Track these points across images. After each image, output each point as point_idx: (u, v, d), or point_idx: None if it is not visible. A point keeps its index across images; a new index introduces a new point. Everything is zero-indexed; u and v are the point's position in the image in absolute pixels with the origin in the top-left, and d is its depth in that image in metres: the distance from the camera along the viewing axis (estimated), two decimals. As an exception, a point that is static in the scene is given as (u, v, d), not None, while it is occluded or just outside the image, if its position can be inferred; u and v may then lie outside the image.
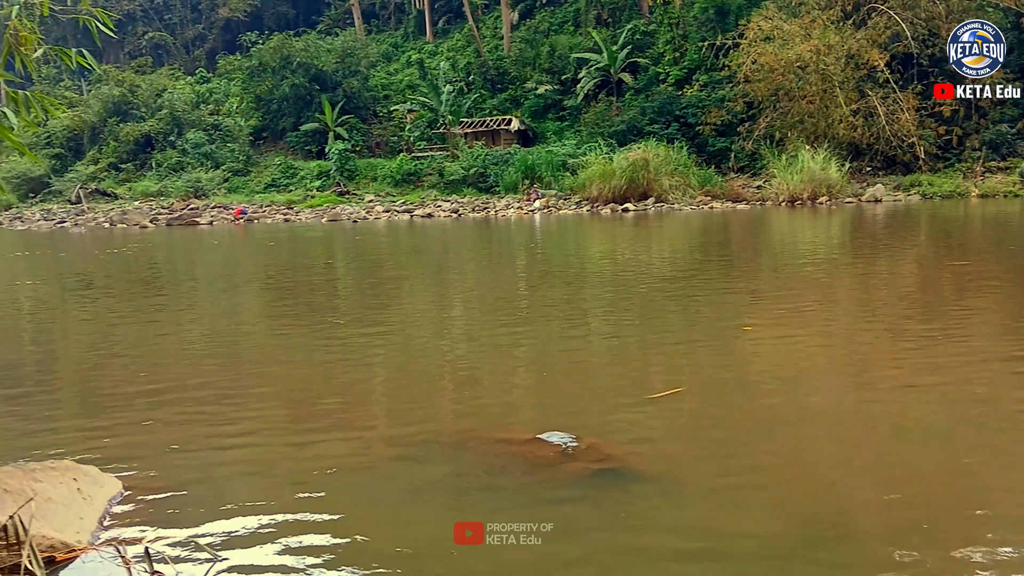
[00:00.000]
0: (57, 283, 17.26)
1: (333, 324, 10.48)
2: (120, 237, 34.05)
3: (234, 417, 6.15)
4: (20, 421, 6.26)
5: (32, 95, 5.51)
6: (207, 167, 54.12)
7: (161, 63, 67.06)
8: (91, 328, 11.10)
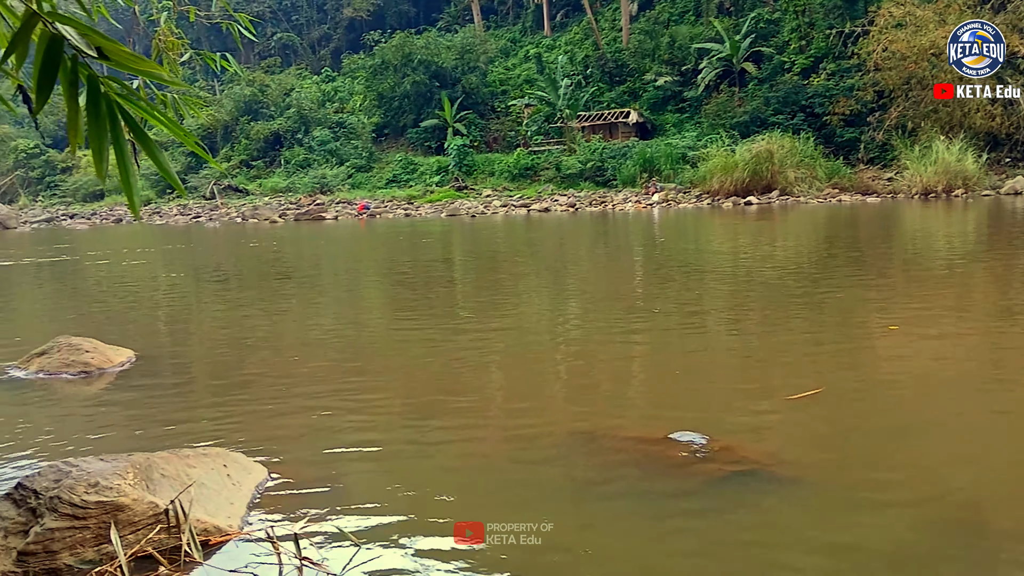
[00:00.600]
0: (194, 276, 18.11)
1: (454, 317, 10.64)
2: (251, 232, 35.47)
3: (361, 408, 6.30)
4: (166, 408, 6.60)
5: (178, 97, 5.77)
6: (332, 164, 55.82)
7: (289, 63, 69.41)
8: (226, 319, 11.61)
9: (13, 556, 3.53)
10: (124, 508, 3.63)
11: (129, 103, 1.99)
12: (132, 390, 7.18)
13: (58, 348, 7.89)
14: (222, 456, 4.48)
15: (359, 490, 4.42)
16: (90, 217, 55.11)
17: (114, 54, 1.92)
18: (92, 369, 7.63)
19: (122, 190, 1.99)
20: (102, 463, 3.88)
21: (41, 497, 3.67)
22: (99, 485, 3.65)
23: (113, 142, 1.98)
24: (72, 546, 3.54)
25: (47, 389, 7.25)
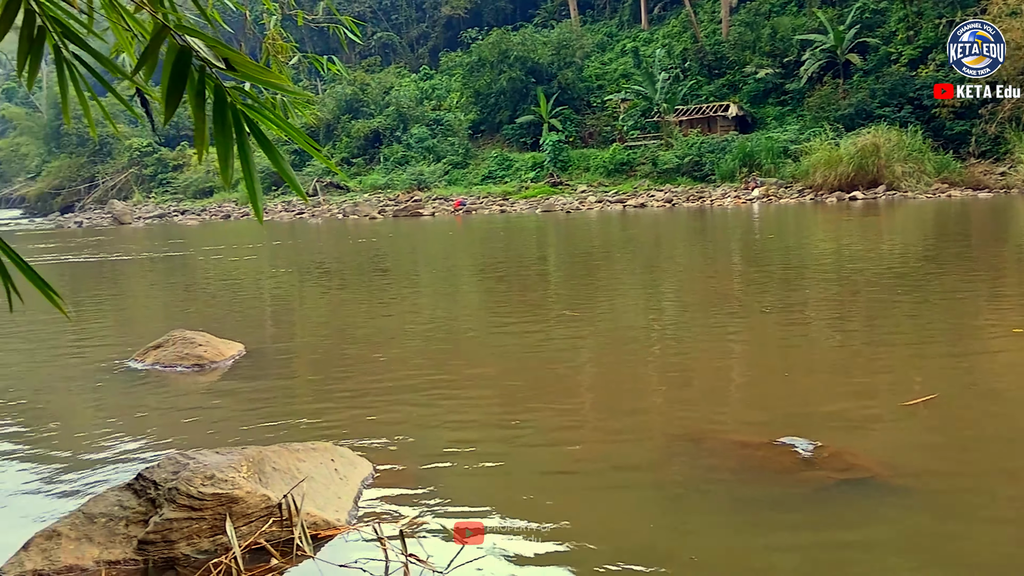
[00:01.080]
0: (298, 271, 18.60)
1: (550, 315, 10.64)
2: (352, 228, 36.23)
3: (460, 406, 6.36)
4: (273, 402, 6.80)
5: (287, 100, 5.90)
6: (429, 160, 56.50)
7: (388, 62, 70.51)
8: (329, 314, 11.89)
9: (134, 544, 3.69)
10: (238, 500, 3.75)
11: (253, 112, 2.04)
12: (242, 383, 7.42)
13: (173, 341, 8.22)
14: (329, 450, 4.59)
15: (459, 488, 4.46)
16: (199, 213, 57.18)
17: (241, 66, 1.97)
18: (204, 362, 7.92)
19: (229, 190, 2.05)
20: (217, 456, 4.02)
21: (160, 488, 3.82)
22: (215, 478, 3.78)
23: (238, 151, 2.03)
24: (189, 536, 3.68)
25: (162, 381, 7.56)
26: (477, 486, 4.51)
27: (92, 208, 67.45)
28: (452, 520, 4.00)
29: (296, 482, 4.00)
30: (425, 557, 3.54)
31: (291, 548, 3.63)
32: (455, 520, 4.00)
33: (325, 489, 4.17)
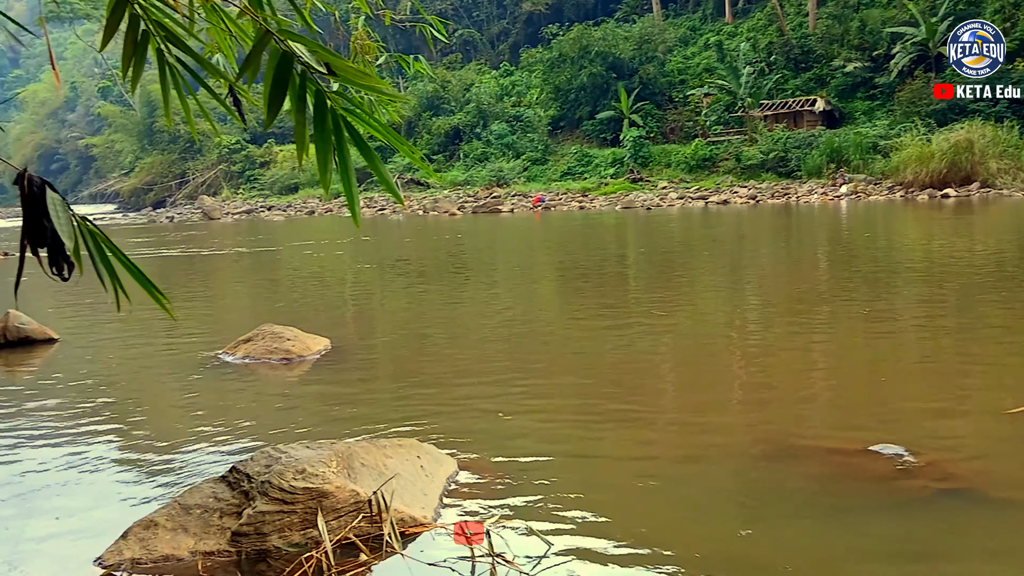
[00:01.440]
0: (381, 267, 18.85)
1: (629, 314, 10.55)
2: (431, 224, 36.58)
3: (541, 405, 6.34)
4: (358, 397, 6.90)
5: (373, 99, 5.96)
6: (508, 157, 56.70)
7: (469, 59, 70.96)
8: (411, 309, 12.02)
9: (228, 536, 3.78)
10: (328, 495, 3.81)
11: (352, 116, 2.06)
12: (328, 378, 7.55)
13: (262, 335, 8.41)
14: (415, 447, 4.62)
15: (541, 489, 4.45)
16: (285, 209, 58.53)
17: (341, 70, 1.99)
18: (292, 356, 8.09)
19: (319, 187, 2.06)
20: (308, 451, 4.09)
21: (253, 481, 3.90)
22: (306, 472, 3.85)
23: (337, 154, 2.05)
24: (281, 529, 3.76)
25: (252, 374, 7.74)
26: (559, 487, 4.49)
27: (183, 203, 69.66)
28: (537, 521, 3.99)
29: (383, 478, 4.05)
30: (511, 557, 3.54)
31: (379, 544, 3.67)
32: (539, 521, 3.99)
33: (412, 486, 4.20)
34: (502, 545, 3.63)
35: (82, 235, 1.96)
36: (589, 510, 4.14)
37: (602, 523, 4.00)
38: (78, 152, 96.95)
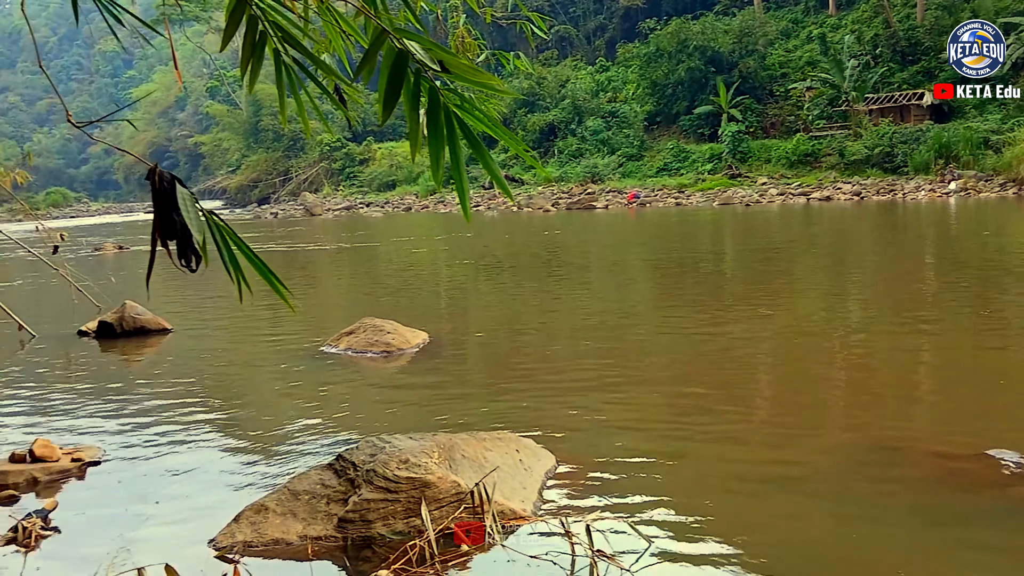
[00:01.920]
0: (476, 262, 19.02)
1: (724, 313, 10.38)
2: (526, 220, 36.70)
3: (635, 402, 6.31)
4: (455, 390, 6.99)
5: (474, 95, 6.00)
6: (603, 153, 56.37)
7: (565, 55, 70.78)
8: (506, 305, 12.09)
9: (334, 522, 3.89)
10: (430, 485, 3.88)
11: (465, 113, 2.09)
12: (427, 370, 7.68)
13: (363, 328, 8.61)
14: (514, 441, 4.67)
15: (640, 487, 4.43)
16: (383, 205, 59.55)
17: (455, 67, 2.03)
18: (392, 349, 8.25)
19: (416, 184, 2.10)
20: (411, 441, 4.17)
21: (359, 469, 4.01)
22: (409, 462, 3.93)
23: (450, 152, 2.09)
24: (385, 517, 3.84)
25: (354, 366, 7.94)
26: (657, 485, 4.46)
27: (286, 200, 71.58)
28: (635, 518, 3.97)
29: (483, 470, 4.10)
30: (611, 553, 3.54)
31: (480, 535, 3.71)
32: (637, 518, 3.97)
33: (511, 479, 4.25)
34: (601, 541, 3.63)
35: (209, 228, 2.05)
36: (687, 510, 4.11)
37: (700, 523, 3.96)
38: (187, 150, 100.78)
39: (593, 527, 3.67)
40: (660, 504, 4.17)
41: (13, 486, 4.81)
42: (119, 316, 10.06)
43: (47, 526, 4.15)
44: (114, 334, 9.96)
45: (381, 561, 3.60)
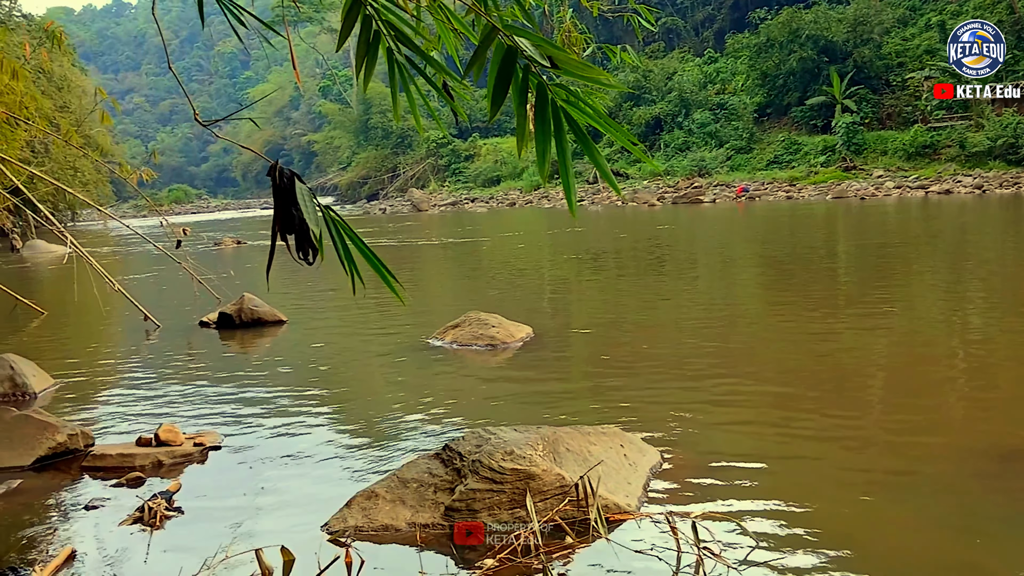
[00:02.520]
0: (579, 257, 19.00)
1: (835, 312, 10.07)
2: (630, 215, 36.45)
3: (740, 399, 6.20)
4: (559, 384, 7.03)
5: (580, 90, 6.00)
6: (711, 146, 55.45)
7: (672, 47, 69.83)
8: (609, 300, 12.05)
9: (441, 510, 3.97)
10: (535, 477, 3.92)
11: (572, 108, 2.11)
12: (531, 365, 7.73)
13: (468, 322, 8.73)
14: (619, 436, 4.66)
15: (747, 486, 4.36)
16: (487, 201, 60.14)
17: (564, 63, 2.05)
18: (497, 343, 8.34)
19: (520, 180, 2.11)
20: (516, 433, 4.22)
21: (465, 460, 4.08)
22: (514, 454, 3.98)
23: (557, 147, 2.11)
24: (490, 507, 3.90)
25: (459, 359, 8.06)
26: (765, 484, 4.38)
27: (394, 196, 73.03)
28: (742, 517, 3.92)
29: (588, 464, 4.11)
30: (718, 551, 3.50)
31: (585, 528, 3.73)
32: (745, 517, 3.92)
33: (615, 473, 4.24)
34: (707, 538, 3.60)
35: (326, 223, 2.13)
36: (796, 511, 4.02)
37: (809, 524, 3.87)
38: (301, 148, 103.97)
39: (698, 523, 3.63)
40: (767, 504, 4.10)
41: (140, 468, 5.08)
42: (238, 308, 10.48)
43: (171, 507, 4.37)
44: (233, 325, 10.38)
45: (487, 550, 3.65)
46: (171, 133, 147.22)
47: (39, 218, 11.90)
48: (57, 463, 5.35)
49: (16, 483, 4.97)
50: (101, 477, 5.04)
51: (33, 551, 3.90)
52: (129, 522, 4.22)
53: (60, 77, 47.22)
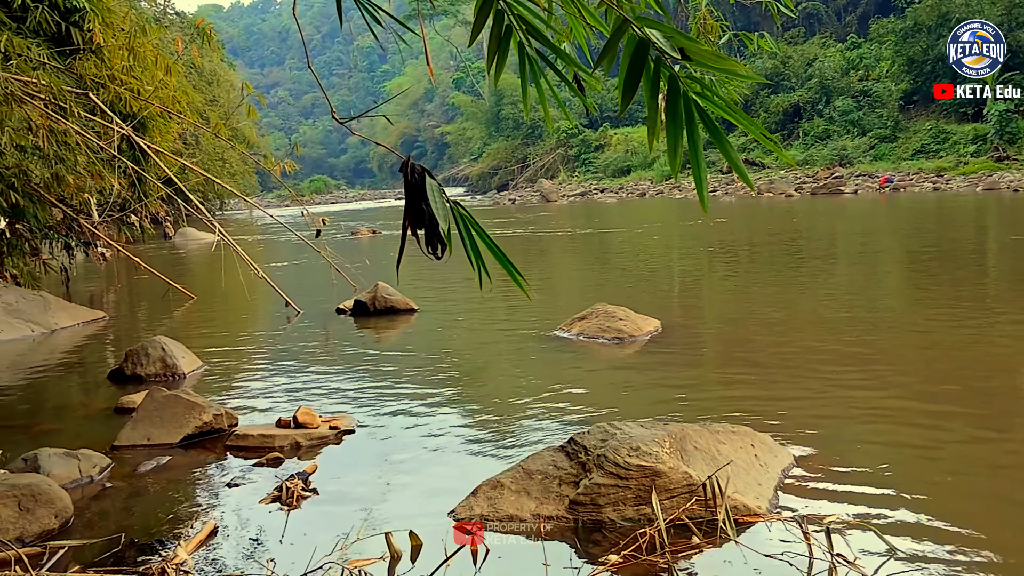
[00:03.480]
0: (710, 249, 18.60)
1: (984, 310, 9.49)
2: (765, 206, 35.46)
3: (879, 400, 5.89)
4: (686, 379, 6.90)
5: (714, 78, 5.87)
6: (853, 134, 53.32)
7: (812, 32, 67.35)
8: (741, 294, 11.73)
9: (565, 503, 3.97)
10: (661, 475, 3.86)
11: (704, 100, 2.06)
12: (657, 359, 7.63)
13: (595, 314, 8.69)
14: (749, 435, 4.54)
15: (884, 491, 4.16)
16: (617, 191, 59.69)
17: (696, 54, 2.00)
18: (624, 336, 8.27)
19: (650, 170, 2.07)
20: (642, 429, 4.17)
21: (590, 453, 4.06)
22: (640, 450, 3.94)
23: (688, 139, 2.07)
24: (615, 503, 3.88)
25: (585, 351, 8.04)
26: (902, 490, 4.16)
27: (523, 186, 73.42)
28: (878, 523, 3.75)
29: (716, 463, 4.03)
30: (853, 558, 3.37)
31: (712, 529, 3.66)
32: (881, 523, 3.75)
33: (745, 474, 4.14)
34: (841, 544, 3.47)
35: (454, 218, 2.15)
36: (936, 519, 3.81)
37: (950, 534, 3.66)
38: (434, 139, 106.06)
39: (832, 529, 3.50)
40: (905, 511, 3.91)
41: (279, 449, 5.30)
42: (372, 296, 10.78)
43: (307, 487, 4.54)
44: (367, 312, 10.69)
45: (611, 546, 3.63)
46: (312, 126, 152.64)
47: (189, 207, 12.55)
48: (203, 441, 5.64)
49: (165, 460, 5.27)
50: (243, 456, 5.29)
51: (180, 525, 4.12)
52: (268, 501, 4.41)
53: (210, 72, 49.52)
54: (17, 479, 4.18)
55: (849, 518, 3.80)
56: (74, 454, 4.97)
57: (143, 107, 11.59)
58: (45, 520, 4.03)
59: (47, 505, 4.06)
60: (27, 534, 3.93)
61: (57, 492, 4.18)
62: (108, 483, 4.87)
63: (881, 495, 4.11)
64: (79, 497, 4.60)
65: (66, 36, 10.32)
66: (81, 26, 10.58)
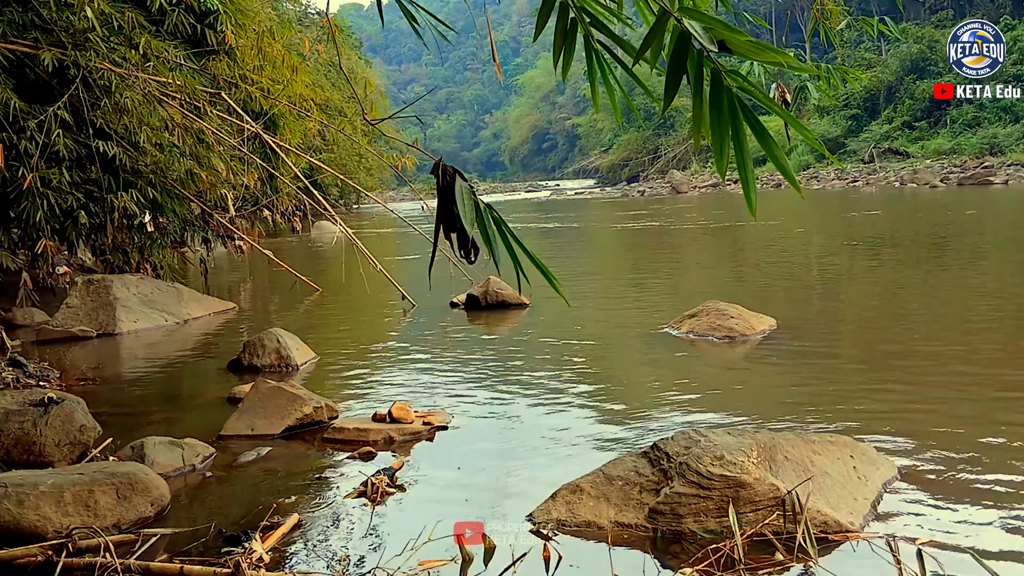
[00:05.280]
0: (842, 244, 17.80)
1: None
2: (908, 197, 33.78)
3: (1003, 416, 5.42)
4: (797, 383, 6.57)
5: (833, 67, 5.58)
6: (1005, 122, 50.13)
7: (963, 14, 63.56)
8: (873, 293, 11.13)
9: (645, 511, 3.84)
10: (745, 486, 3.68)
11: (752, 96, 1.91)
12: (767, 360, 7.33)
13: (706, 312, 8.43)
14: (849, 446, 4.28)
15: (989, 512, 3.81)
16: (751, 182, 57.95)
17: (735, 45, 1.85)
18: (735, 335, 7.99)
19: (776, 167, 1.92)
20: (729, 437, 3.99)
21: (672, 461, 3.91)
22: (724, 459, 3.76)
23: (733, 137, 1.93)
24: (696, 513, 3.72)
25: (693, 349, 7.81)
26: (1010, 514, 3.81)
27: (654, 178, 72.55)
28: (979, 546, 3.44)
29: (808, 475, 3.82)
30: (945, 584, 3.11)
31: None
32: (981, 546, 3.44)
33: (840, 487, 3.90)
34: (934, 566, 3.21)
35: (489, 222, 2.08)
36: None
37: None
38: (565, 131, 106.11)
39: (926, 551, 3.24)
40: (1015, 537, 3.59)
41: (372, 443, 5.36)
42: (484, 290, 10.84)
43: (392, 483, 4.57)
44: (479, 306, 10.76)
45: (689, 558, 3.49)
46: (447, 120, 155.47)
47: (313, 202, 12.95)
48: (303, 433, 5.78)
49: (266, 450, 5.42)
50: (338, 449, 5.39)
51: (267, 517, 4.22)
52: (354, 495, 4.46)
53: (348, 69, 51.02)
54: (118, 467, 4.37)
55: (948, 540, 3.51)
56: (179, 443, 5.17)
57: (272, 105, 12.03)
58: (141, 508, 4.20)
59: (143, 493, 4.23)
60: (123, 521, 4.10)
61: (154, 480, 4.35)
62: (209, 472, 5.05)
63: (989, 516, 3.79)
64: (180, 486, 4.79)
65: (201, 38, 10.79)
66: (215, 28, 11.05)
